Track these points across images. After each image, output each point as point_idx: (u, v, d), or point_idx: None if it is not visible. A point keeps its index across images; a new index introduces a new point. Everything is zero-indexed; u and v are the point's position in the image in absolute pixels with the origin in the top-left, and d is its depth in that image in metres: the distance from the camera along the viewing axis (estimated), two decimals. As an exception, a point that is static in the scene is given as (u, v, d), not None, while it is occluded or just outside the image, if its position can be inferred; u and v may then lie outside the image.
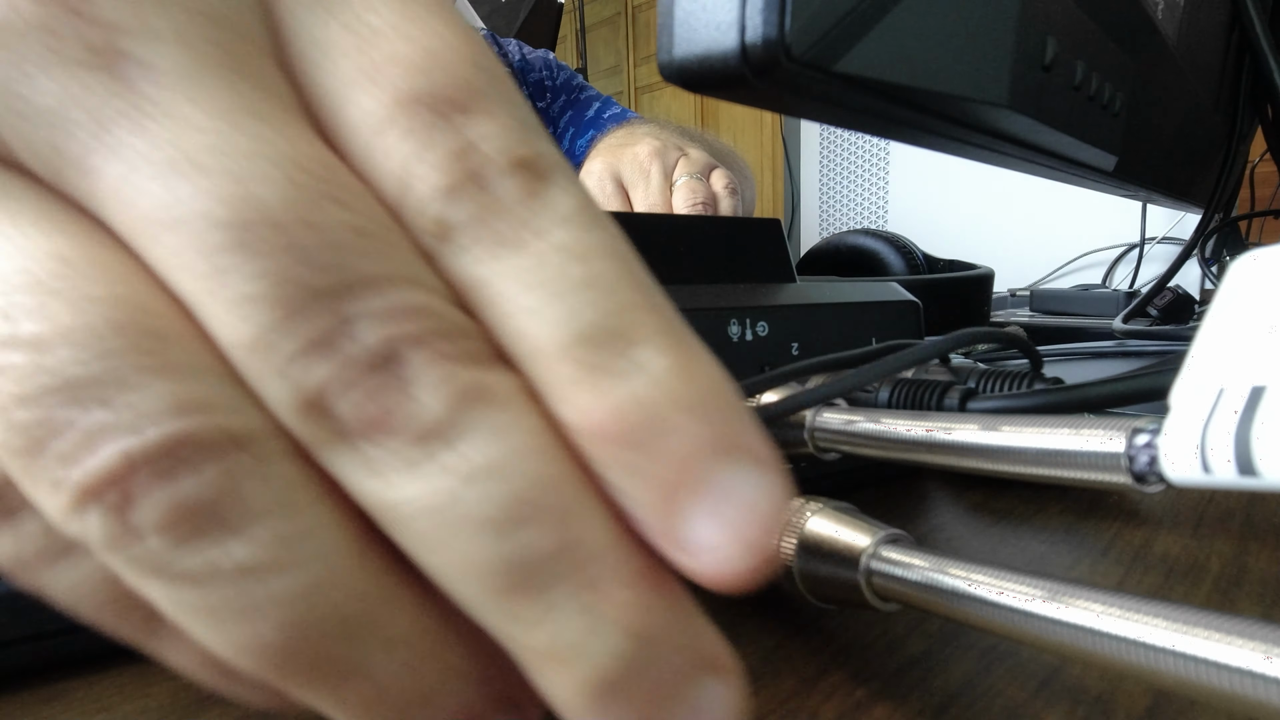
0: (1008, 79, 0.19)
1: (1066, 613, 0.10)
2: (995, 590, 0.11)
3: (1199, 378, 0.10)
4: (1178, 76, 0.35)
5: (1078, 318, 0.77)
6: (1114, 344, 0.53)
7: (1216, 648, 0.08)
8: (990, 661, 0.15)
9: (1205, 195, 0.49)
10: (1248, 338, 0.10)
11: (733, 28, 0.13)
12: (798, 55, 0.13)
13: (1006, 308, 1.03)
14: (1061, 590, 0.10)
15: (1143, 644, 0.09)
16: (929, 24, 0.16)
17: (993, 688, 0.14)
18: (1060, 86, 0.22)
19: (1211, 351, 0.10)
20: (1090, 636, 0.10)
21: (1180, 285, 0.59)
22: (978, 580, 0.11)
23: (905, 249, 0.58)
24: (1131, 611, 0.09)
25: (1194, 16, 0.35)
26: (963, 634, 0.17)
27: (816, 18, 0.14)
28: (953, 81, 0.17)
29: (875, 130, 0.19)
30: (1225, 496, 0.25)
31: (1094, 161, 0.27)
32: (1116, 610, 0.09)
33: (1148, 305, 0.56)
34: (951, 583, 0.12)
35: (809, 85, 0.14)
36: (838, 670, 0.15)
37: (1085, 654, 0.10)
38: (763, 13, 0.13)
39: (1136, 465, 0.11)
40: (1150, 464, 0.11)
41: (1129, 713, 0.14)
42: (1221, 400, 0.10)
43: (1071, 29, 0.22)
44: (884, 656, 0.16)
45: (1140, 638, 0.09)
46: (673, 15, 0.14)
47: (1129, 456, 0.11)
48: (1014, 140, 0.22)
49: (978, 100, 0.18)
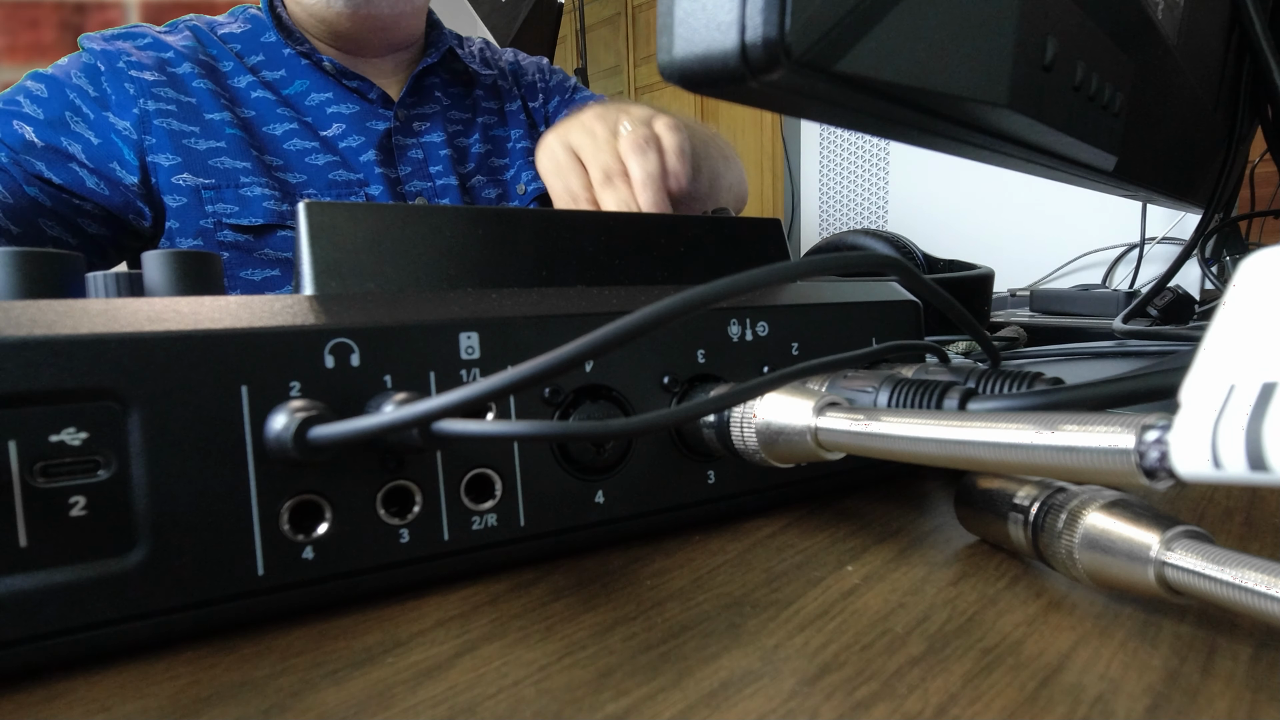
0: (1008, 79, 0.19)
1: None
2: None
3: (1210, 374, 0.10)
4: (1178, 77, 0.35)
5: (1078, 318, 0.77)
6: (1114, 344, 0.53)
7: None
8: (990, 661, 0.15)
9: (1205, 195, 0.49)
10: (1258, 335, 0.10)
11: (733, 28, 0.13)
12: (798, 55, 0.13)
13: (1006, 308, 1.03)
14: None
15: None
16: (929, 24, 0.16)
17: (993, 688, 0.14)
18: (1060, 86, 0.22)
19: (1222, 349, 0.10)
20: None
21: (1180, 285, 0.59)
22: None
23: (905, 249, 0.58)
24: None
25: (1194, 16, 0.35)
26: (962, 634, 0.17)
27: (816, 18, 0.14)
28: (953, 81, 0.17)
29: (875, 130, 0.19)
30: (1226, 496, 0.25)
31: (1094, 161, 0.27)
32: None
33: (1148, 305, 0.56)
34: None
35: (809, 85, 0.14)
36: (838, 670, 0.15)
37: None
38: (763, 13, 0.13)
39: (1147, 461, 0.11)
40: (1161, 460, 0.11)
41: (1129, 713, 0.14)
42: (1233, 397, 0.10)
43: (1071, 29, 0.22)
44: (884, 656, 0.16)
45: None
46: (673, 15, 0.14)
47: (1139, 452, 0.11)
48: (1014, 140, 0.22)
49: (978, 100, 0.18)
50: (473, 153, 0.88)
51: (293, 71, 0.79)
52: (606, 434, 0.16)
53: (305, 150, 0.77)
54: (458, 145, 0.87)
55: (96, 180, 0.70)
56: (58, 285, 0.19)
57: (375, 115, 0.81)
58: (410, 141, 0.83)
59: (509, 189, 0.90)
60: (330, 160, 0.78)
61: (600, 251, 0.24)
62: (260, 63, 0.79)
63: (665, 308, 0.14)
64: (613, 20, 2.95)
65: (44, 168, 0.68)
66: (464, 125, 0.88)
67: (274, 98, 0.77)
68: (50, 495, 0.15)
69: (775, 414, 0.19)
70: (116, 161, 0.70)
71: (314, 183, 0.76)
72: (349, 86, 0.80)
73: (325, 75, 0.80)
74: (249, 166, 0.74)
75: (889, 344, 0.25)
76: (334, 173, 0.78)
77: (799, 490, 0.26)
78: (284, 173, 0.76)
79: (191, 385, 0.16)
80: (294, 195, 0.75)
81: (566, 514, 0.21)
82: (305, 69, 0.79)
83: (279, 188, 0.75)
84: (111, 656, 0.17)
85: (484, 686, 0.15)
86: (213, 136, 0.73)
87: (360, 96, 0.81)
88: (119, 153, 0.70)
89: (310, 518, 0.18)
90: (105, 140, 0.70)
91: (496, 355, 0.20)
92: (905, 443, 0.15)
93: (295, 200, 0.75)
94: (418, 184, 0.83)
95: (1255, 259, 0.11)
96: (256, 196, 0.73)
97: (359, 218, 0.21)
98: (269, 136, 0.76)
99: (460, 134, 0.88)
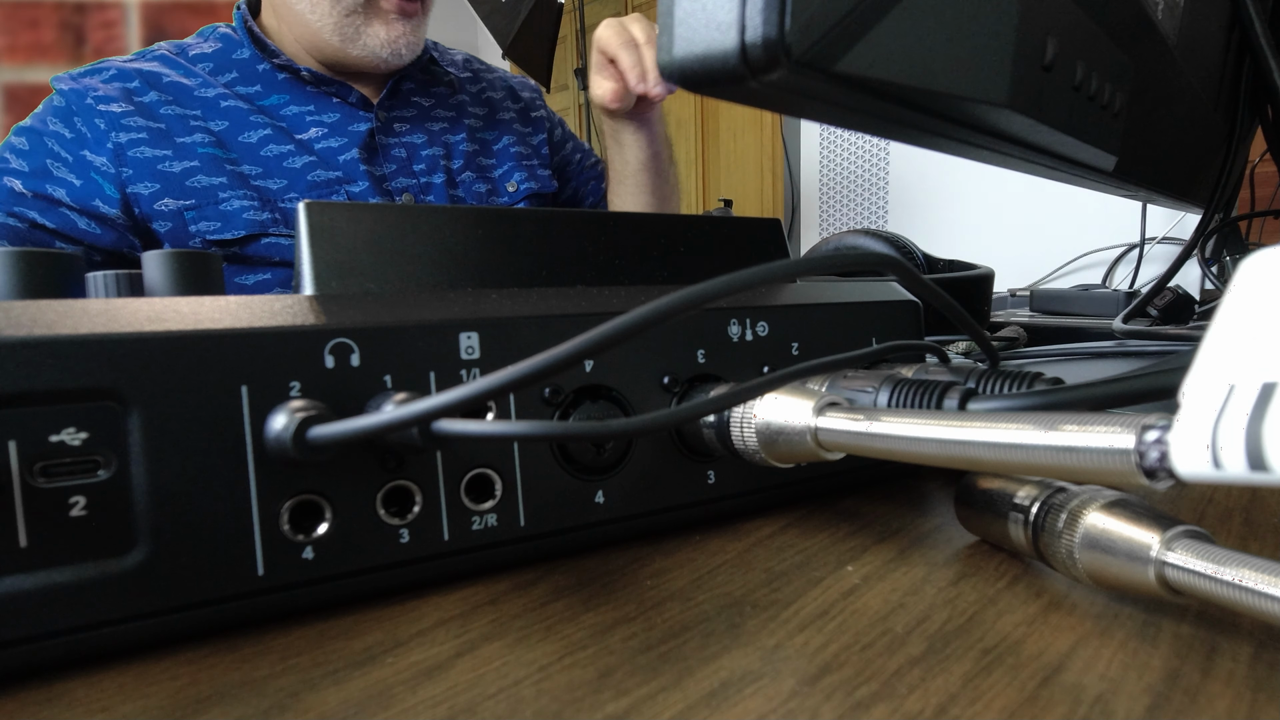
0: (1008, 79, 0.19)
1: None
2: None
3: (1210, 374, 0.10)
4: (1178, 77, 0.35)
5: (1078, 318, 0.77)
6: (1114, 344, 0.53)
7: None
8: (990, 661, 0.15)
9: (1205, 195, 0.49)
10: (1258, 335, 0.10)
11: (732, 28, 0.13)
12: (798, 55, 0.13)
13: (1006, 308, 1.03)
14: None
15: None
16: (929, 24, 0.16)
17: (993, 688, 0.14)
18: (1060, 86, 0.22)
19: (1222, 349, 0.10)
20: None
21: (1180, 285, 0.59)
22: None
23: (905, 249, 0.58)
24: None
25: (1194, 16, 0.35)
26: (962, 634, 0.17)
27: (816, 18, 0.14)
28: (953, 81, 0.17)
29: (875, 130, 0.19)
30: (1225, 496, 0.25)
31: (1094, 161, 0.27)
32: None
33: (1148, 305, 0.56)
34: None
35: (809, 85, 0.14)
36: (838, 670, 0.15)
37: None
38: (763, 13, 0.13)
39: (1147, 461, 0.11)
40: (1160, 460, 0.11)
41: (1129, 713, 0.14)
42: (1233, 397, 0.10)
43: (1071, 29, 0.22)
44: (884, 656, 0.16)
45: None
46: (673, 15, 0.14)
47: (1139, 452, 0.11)
48: (1014, 140, 0.22)
49: (978, 100, 0.18)
50: (459, 150, 0.89)
51: (268, 86, 0.81)
52: (606, 434, 0.16)
53: (282, 155, 0.78)
54: (444, 142, 0.88)
55: (87, 221, 0.72)
56: (58, 285, 0.19)
57: (356, 118, 0.83)
58: (392, 141, 0.85)
59: (499, 185, 0.92)
60: (308, 161, 0.79)
61: (600, 251, 0.24)
62: (233, 79, 0.80)
63: (663, 306, 0.14)
64: (613, 20, 2.96)
65: (37, 215, 0.70)
66: (449, 123, 0.90)
67: (247, 107, 0.78)
68: (50, 495, 0.15)
69: (775, 414, 0.19)
70: (99, 199, 0.72)
71: (294, 186, 0.77)
72: (328, 91, 0.82)
73: (303, 85, 0.81)
74: (225, 181, 0.75)
75: (889, 344, 0.25)
76: (313, 173, 0.79)
77: (799, 490, 0.26)
78: (263, 180, 0.77)
79: (191, 385, 0.16)
80: (274, 202, 0.76)
81: (566, 514, 0.21)
82: (281, 83, 0.81)
83: (257, 196, 0.76)
84: (111, 656, 0.17)
85: (484, 686, 0.15)
86: (186, 157, 0.74)
87: (340, 100, 0.83)
88: (99, 189, 0.72)
89: (310, 518, 0.18)
90: (85, 180, 0.72)
91: (496, 355, 0.20)
92: (905, 443, 0.15)
93: (275, 207, 0.76)
94: (403, 180, 0.84)
95: (1255, 259, 0.11)
96: (236, 210, 0.75)
97: (359, 218, 0.21)
98: (244, 145, 0.77)
99: (446, 131, 0.89)
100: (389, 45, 0.80)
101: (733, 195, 2.57)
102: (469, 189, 0.89)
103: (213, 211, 0.74)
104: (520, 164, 0.93)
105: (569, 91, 2.96)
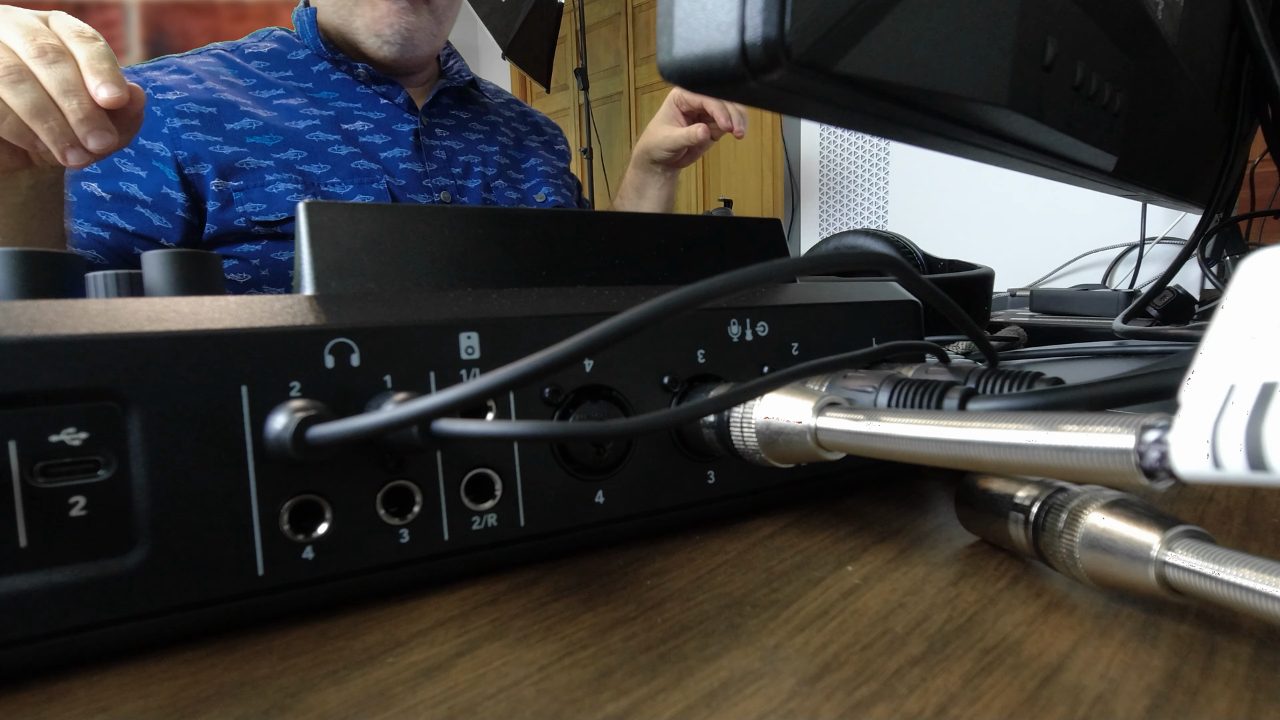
0: (1008, 79, 0.19)
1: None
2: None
3: (1210, 374, 0.10)
4: (1178, 77, 0.35)
5: (1078, 318, 0.77)
6: (1114, 344, 0.53)
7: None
8: (990, 661, 0.15)
9: (1205, 195, 0.49)
10: (1258, 335, 0.10)
11: (733, 28, 0.13)
12: (798, 55, 0.13)
13: (1006, 308, 1.03)
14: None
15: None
16: (929, 24, 0.16)
17: (993, 688, 0.14)
18: (1060, 86, 0.22)
19: (1222, 349, 0.10)
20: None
21: (1180, 285, 0.59)
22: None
23: (905, 249, 0.58)
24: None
25: (1194, 16, 0.35)
26: (962, 634, 0.17)
27: (816, 18, 0.14)
28: (953, 81, 0.17)
29: (875, 130, 0.19)
30: (1226, 496, 0.25)
31: (1094, 161, 0.27)
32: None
33: (1148, 305, 0.56)
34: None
35: (809, 85, 0.14)
36: (838, 670, 0.15)
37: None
38: (763, 13, 0.13)
39: (1147, 461, 0.11)
40: (1160, 460, 0.11)
41: (1129, 713, 0.14)
42: (1233, 397, 0.10)
43: (1071, 29, 0.22)
44: (884, 656, 0.16)
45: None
46: (673, 15, 0.14)
47: (1139, 452, 0.11)
48: (1014, 140, 0.22)
49: (978, 100, 0.18)
50: (494, 159, 0.95)
51: (320, 84, 0.85)
52: (606, 434, 0.16)
53: (327, 142, 0.81)
54: (480, 151, 0.94)
55: (160, 218, 0.74)
56: (58, 285, 0.19)
57: (401, 119, 0.87)
58: (434, 143, 0.89)
59: (528, 196, 0.98)
60: (352, 151, 0.82)
61: (600, 251, 0.24)
62: (287, 77, 0.84)
63: (662, 304, 0.14)
64: (613, 20, 2.95)
65: (118, 218, 0.73)
66: (484, 136, 0.96)
67: (299, 100, 0.82)
68: (50, 495, 0.15)
69: (775, 414, 0.19)
70: (165, 185, 0.75)
71: (336, 172, 0.80)
72: (378, 90, 0.86)
73: (356, 83, 0.86)
74: (271, 165, 0.78)
75: (889, 344, 0.25)
76: (356, 162, 0.82)
77: (799, 490, 0.26)
78: (307, 164, 0.79)
79: (191, 385, 0.16)
80: (316, 185, 0.80)
81: (566, 514, 0.21)
82: (336, 83, 0.85)
83: (301, 180, 0.79)
84: (111, 656, 0.17)
85: (484, 686, 0.15)
86: (235, 143, 0.77)
87: (389, 101, 0.87)
88: (163, 176, 0.75)
89: (310, 518, 0.18)
90: (150, 170, 0.75)
91: (496, 355, 0.20)
92: (905, 443, 0.15)
93: (318, 190, 0.79)
94: (442, 180, 0.88)
95: (1255, 259, 0.11)
96: (280, 192, 0.78)
97: (359, 218, 0.21)
98: (292, 131, 0.80)
99: (481, 142, 0.95)
100: (372, 28, 0.83)
101: (733, 195, 2.57)
102: (501, 195, 0.93)
103: (259, 194, 0.77)
104: (548, 180, 0.99)
105: (569, 91, 2.96)
